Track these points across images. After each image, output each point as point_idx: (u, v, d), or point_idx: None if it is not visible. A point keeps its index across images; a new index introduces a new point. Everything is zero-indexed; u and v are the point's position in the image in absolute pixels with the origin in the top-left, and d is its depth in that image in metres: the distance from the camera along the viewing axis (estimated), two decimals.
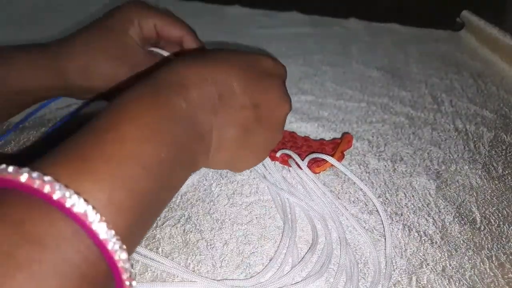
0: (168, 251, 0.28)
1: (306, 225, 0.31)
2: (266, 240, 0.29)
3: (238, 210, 0.32)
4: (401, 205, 0.33)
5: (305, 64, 0.53)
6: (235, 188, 0.34)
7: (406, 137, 0.41)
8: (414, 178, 0.35)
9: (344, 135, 0.38)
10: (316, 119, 0.42)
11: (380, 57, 0.56)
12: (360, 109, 0.45)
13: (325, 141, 0.38)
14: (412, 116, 0.44)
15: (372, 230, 0.31)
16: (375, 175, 0.36)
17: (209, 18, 0.65)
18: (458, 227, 0.31)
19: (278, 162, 0.36)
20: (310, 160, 0.34)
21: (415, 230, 0.31)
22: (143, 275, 0.27)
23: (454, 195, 0.34)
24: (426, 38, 0.62)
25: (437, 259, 0.29)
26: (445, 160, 0.38)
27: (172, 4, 0.69)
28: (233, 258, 0.28)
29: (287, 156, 0.35)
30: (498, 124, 0.43)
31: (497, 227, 0.31)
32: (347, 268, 0.27)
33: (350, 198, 0.33)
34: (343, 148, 0.36)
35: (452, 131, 0.42)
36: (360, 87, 0.49)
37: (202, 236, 0.30)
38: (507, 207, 0.33)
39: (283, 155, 0.35)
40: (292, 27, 0.63)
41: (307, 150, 0.36)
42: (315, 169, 0.34)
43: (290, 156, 0.34)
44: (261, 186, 0.34)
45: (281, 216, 0.31)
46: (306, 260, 0.28)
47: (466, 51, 0.59)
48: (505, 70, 0.54)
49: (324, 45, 0.58)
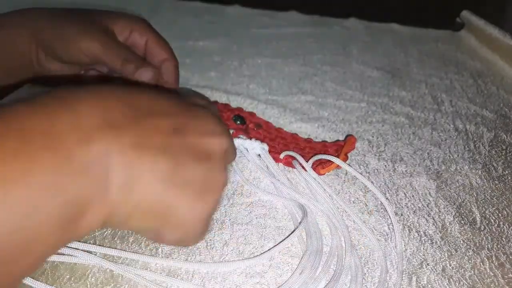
0: (168, 251, 0.28)
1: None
2: (266, 240, 0.29)
3: (238, 210, 0.32)
4: (401, 205, 0.33)
5: (305, 64, 0.53)
6: (235, 188, 0.34)
7: (406, 137, 0.41)
8: (414, 178, 0.35)
9: (347, 137, 0.38)
10: (316, 119, 0.42)
11: (380, 57, 0.56)
12: (360, 109, 0.45)
13: (327, 143, 0.38)
14: (412, 116, 0.44)
15: (372, 230, 0.30)
16: (375, 175, 0.36)
17: (209, 18, 0.65)
18: (458, 227, 0.31)
19: (282, 164, 0.36)
20: (315, 162, 0.34)
21: (415, 230, 0.31)
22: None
23: (454, 195, 0.34)
24: (426, 38, 0.62)
25: (437, 259, 0.29)
26: (445, 160, 0.38)
27: (172, 4, 0.69)
28: (233, 258, 0.28)
29: (291, 158, 0.35)
30: (498, 124, 0.43)
31: (497, 227, 0.31)
32: (352, 269, 0.27)
33: (350, 198, 0.33)
34: (347, 150, 0.36)
35: (452, 131, 0.42)
36: (360, 87, 0.49)
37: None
38: (507, 207, 0.33)
39: (287, 156, 0.35)
40: (292, 27, 0.63)
41: (310, 152, 0.36)
42: (320, 171, 0.34)
43: (294, 157, 0.34)
44: (261, 186, 0.34)
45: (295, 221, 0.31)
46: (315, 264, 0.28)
47: (466, 51, 0.59)
48: (505, 70, 0.54)
49: (324, 45, 0.58)
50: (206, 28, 0.61)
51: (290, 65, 0.52)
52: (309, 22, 0.65)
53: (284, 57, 0.54)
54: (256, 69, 0.51)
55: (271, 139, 0.38)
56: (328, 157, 0.34)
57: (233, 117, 0.39)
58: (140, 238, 0.29)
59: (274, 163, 0.35)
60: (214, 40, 0.57)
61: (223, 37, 0.58)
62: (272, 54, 0.55)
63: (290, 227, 0.30)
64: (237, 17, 0.66)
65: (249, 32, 0.61)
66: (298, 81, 0.49)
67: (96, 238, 0.29)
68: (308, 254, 0.28)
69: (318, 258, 0.28)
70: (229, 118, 0.39)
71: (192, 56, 0.52)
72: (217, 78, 0.49)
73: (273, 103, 0.44)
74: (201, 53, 0.54)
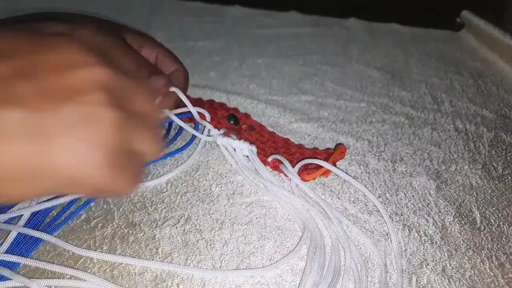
0: (167, 251, 0.28)
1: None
2: (266, 240, 0.29)
3: (238, 210, 0.32)
4: (401, 205, 0.33)
5: (305, 64, 0.53)
6: (235, 188, 0.34)
7: (406, 137, 0.41)
8: (414, 178, 0.35)
9: (337, 146, 0.37)
10: (316, 119, 0.42)
11: (380, 57, 0.56)
12: (360, 109, 0.45)
13: (318, 150, 0.38)
14: (412, 116, 0.44)
15: (372, 231, 0.31)
16: (375, 175, 0.36)
17: (209, 18, 0.65)
18: (458, 227, 0.31)
19: (269, 167, 0.35)
20: (301, 167, 0.34)
21: (415, 230, 0.31)
22: (142, 275, 0.27)
23: (454, 195, 0.34)
24: (426, 38, 0.62)
25: (437, 259, 0.29)
26: (445, 160, 0.38)
27: (172, 4, 0.69)
28: (233, 258, 0.28)
29: (278, 162, 0.35)
30: (498, 124, 0.43)
31: (497, 227, 0.31)
32: (353, 269, 0.27)
33: (350, 198, 0.33)
34: (335, 159, 0.35)
35: (452, 131, 0.42)
36: (360, 87, 0.49)
37: (202, 236, 0.30)
38: (507, 207, 0.33)
39: (274, 160, 0.35)
40: (292, 27, 0.63)
41: (299, 158, 0.36)
42: (305, 177, 0.33)
43: (281, 161, 0.34)
44: (261, 186, 0.34)
45: (300, 226, 0.31)
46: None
47: (466, 51, 0.59)
48: (505, 70, 0.54)
49: (324, 45, 0.58)
50: (206, 28, 0.61)
51: (290, 65, 0.52)
52: (309, 22, 0.65)
53: (284, 57, 0.54)
54: (256, 69, 0.51)
55: (263, 142, 0.37)
56: (316, 161, 0.33)
57: (227, 116, 0.39)
58: (140, 238, 0.29)
59: (262, 164, 0.35)
60: (214, 40, 0.57)
61: (223, 37, 0.58)
62: (272, 54, 0.55)
63: (290, 227, 0.31)
64: (237, 17, 0.66)
65: (249, 32, 0.61)
66: (298, 81, 0.49)
67: (97, 238, 0.29)
68: (312, 252, 0.28)
69: (322, 259, 0.28)
70: (223, 116, 0.39)
71: (192, 56, 0.52)
72: (217, 78, 0.49)
73: (273, 103, 0.44)
74: (201, 53, 0.54)
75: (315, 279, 0.26)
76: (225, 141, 0.36)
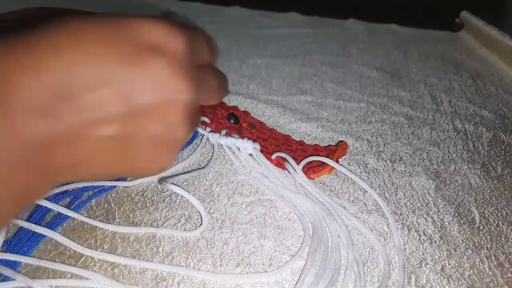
0: (168, 251, 0.28)
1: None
2: (266, 240, 0.30)
3: (238, 210, 0.32)
4: (400, 204, 0.33)
5: (305, 64, 0.53)
6: (235, 187, 0.34)
7: (405, 137, 0.41)
8: (413, 178, 0.36)
9: (339, 143, 0.38)
10: (316, 119, 0.43)
11: (380, 57, 0.56)
12: (359, 109, 0.45)
13: (319, 147, 0.38)
14: (411, 116, 0.44)
15: (371, 230, 0.31)
16: (374, 175, 0.36)
17: (209, 19, 0.65)
18: (457, 226, 0.31)
19: (273, 165, 0.36)
20: (306, 165, 0.34)
21: (414, 229, 0.31)
22: (143, 274, 0.27)
23: (453, 194, 0.34)
24: (426, 38, 0.62)
25: (436, 258, 0.29)
26: (444, 160, 0.38)
27: (173, 5, 0.69)
28: (233, 257, 0.28)
29: (282, 159, 0.35)
30: (497, 124, 0.43)
31: (496, 226, 0.31)
32: (354, 269, 0.27)
33: (350, 197, 0.33)
34: (338, 155, 0.36)
35: (451, 131, 0.42)
36: (359, 87, 0.49)
37: (202, 235, 0.30)
38: (506, 207, 0.33)
39: (278, 157, 0.35)
40: (292, 27, 0.64)
41: (301, 155, 0.36)
42: (310, 175, 0.34)
43: (286, 159, 0.34)
44: (261, 186, 0.34)
45: (303, 225, 0.31)
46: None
47: (465, 52, 0.59)
48: (504, 70, 0.54)
49: (324, 45, 0.58)
50: (206, 29, 0.60)
51: (289, 65, 0.53)
52: (308, 23, 0.66)
53: (284, 57, 0.54)
54: (256, 69, 0.51)
55: (264, 139, 0.38)
56: (321, 159, 0.34)
57: (227, 115, 0.39)
58: (141, 237, 0.29)
59: (269, 162, 0.35)
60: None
61: (223, 37, 0.58)
62: (272, 54, 0.55)
63: (290, 226, 0.31)
64: (237, 17, 0.67)
65: (249, 33, 0.61)
66: (298, 81, 0.50)
67: (98, 237, 0.29)
68: (313, 252, 0.28)
69: (324, 256, 0.28)
70: (223, 116, 0.39)
71: None
72: None
73: (273, 103, 0.45)
74: None
75: (316, 272, 0.27)
76: (228, 141, 0.36)
